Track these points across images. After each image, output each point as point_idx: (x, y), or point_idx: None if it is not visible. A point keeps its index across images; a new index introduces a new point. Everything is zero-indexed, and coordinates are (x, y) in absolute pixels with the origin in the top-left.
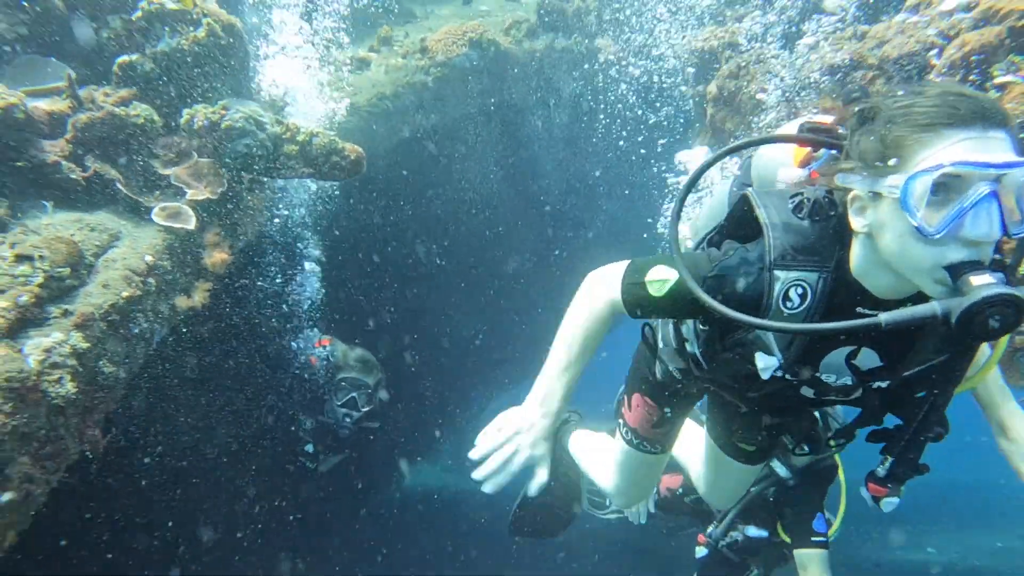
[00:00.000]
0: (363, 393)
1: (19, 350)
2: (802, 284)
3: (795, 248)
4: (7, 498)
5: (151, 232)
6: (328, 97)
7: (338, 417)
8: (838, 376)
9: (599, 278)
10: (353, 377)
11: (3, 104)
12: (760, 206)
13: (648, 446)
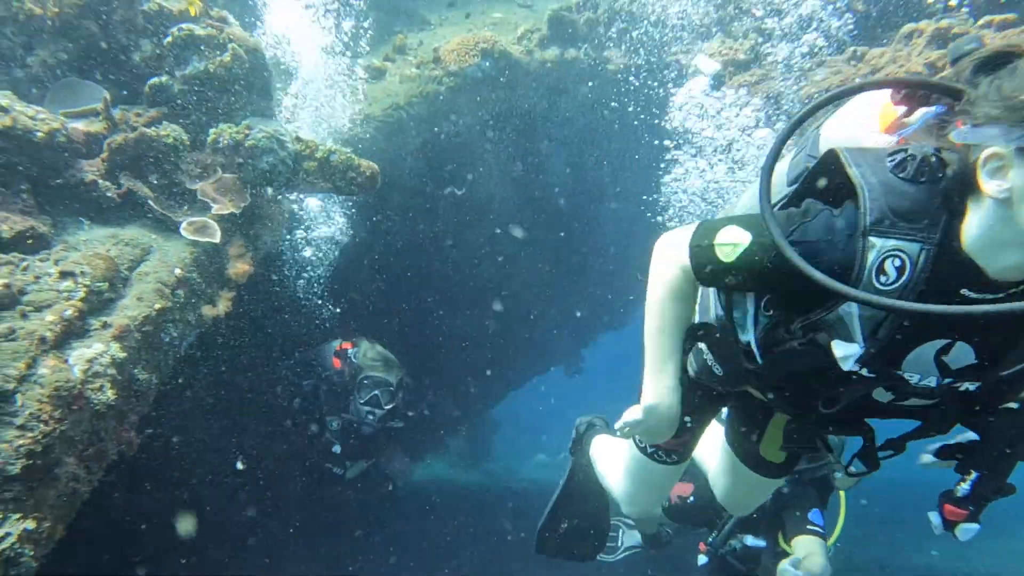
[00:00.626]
0: (385, 391)
1: (65, 360)
2: (900, 255)
3: (895, 212)
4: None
5: (180, 245)
6: (345, 107)
7: (361, 415)
8: (922, 375)
9: (667, 242)
10: (375, 376)
11: (47, 129)
12: (852, 163)
13: (664, 456)
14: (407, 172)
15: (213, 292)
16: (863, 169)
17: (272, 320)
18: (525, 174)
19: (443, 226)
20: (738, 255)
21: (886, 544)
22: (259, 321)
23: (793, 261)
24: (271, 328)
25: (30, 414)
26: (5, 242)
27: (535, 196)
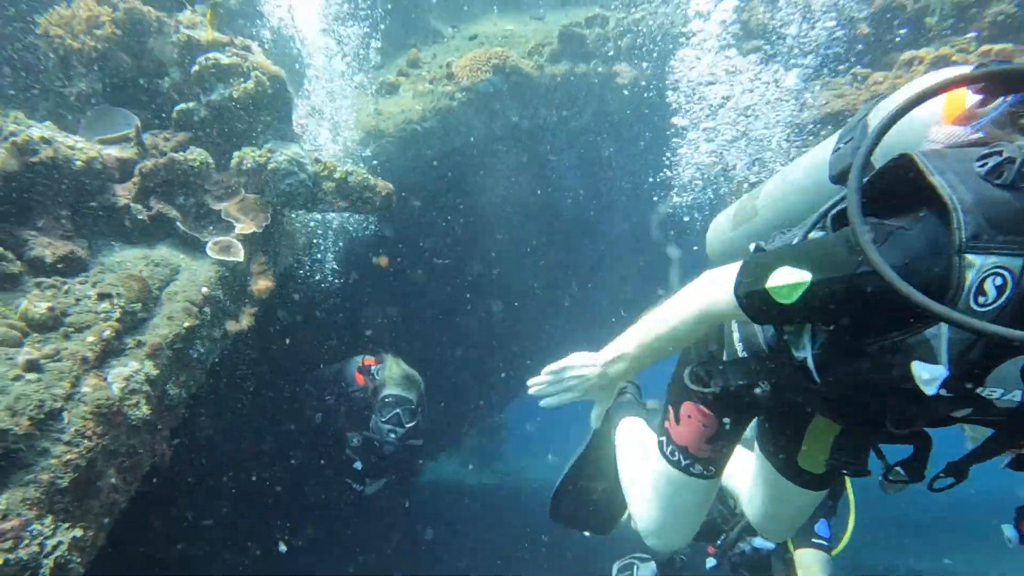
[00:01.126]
0: (406, 410)
1: (104, 379)
2: (1002, 272)
3: (993, 224)
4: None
5: (206, 265)
6: (361, 122)
7: (382, 433)
8: (1005, 391)
9: (714, 280)
10: (396, 394)
11: (85, 158)
12: (935, 171)
13: (699, 468)
14: (420, 185)
15: (237, 308)
16: (949, 178)
17: (293, 332)
18: (535, 184)
19: (455, 235)
20: (799, 296)
21: (895, 549)
22: (280, 333)
23: (901, 289)
24: (291, 340)
25: (75, 431)
26: (48, 266)
27: (544, 204)
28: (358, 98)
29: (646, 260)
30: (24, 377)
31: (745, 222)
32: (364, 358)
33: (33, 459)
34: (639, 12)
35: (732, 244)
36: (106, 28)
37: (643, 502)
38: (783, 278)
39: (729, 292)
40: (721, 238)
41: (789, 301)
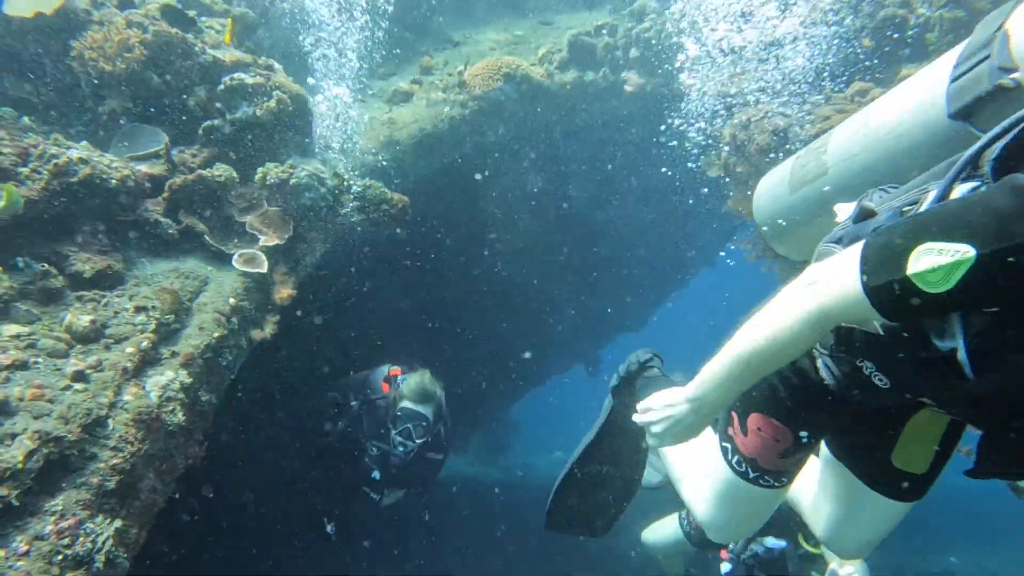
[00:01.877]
0: (418, 425)
1: (143, 387)
2: None
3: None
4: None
5: (232, 276)
6: (375, 132)
7: (394, 445)
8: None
9: (828, 276)
10: (410, 408)
11: (119, 176)
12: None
13: (769, 479)
14: (431, 189)
15: (261, 317)
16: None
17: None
18: (546, 184)
19: (464, 235)
20: (958, 279)
21: (903, 548)
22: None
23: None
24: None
25: (119, 437)
26: (87, 280)
27: (556, 204)
28: (372, 106)
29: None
30: (72, 387)
31: (807, 183)
32: (392, 367)
33: (83, 463)
34: (647, 22)
35: (793, 212)
36: (136, 51)
37: (704, 501)
38: (932, 259)
39: (853, 287)
40: (777, 205)
41: (944, 288)
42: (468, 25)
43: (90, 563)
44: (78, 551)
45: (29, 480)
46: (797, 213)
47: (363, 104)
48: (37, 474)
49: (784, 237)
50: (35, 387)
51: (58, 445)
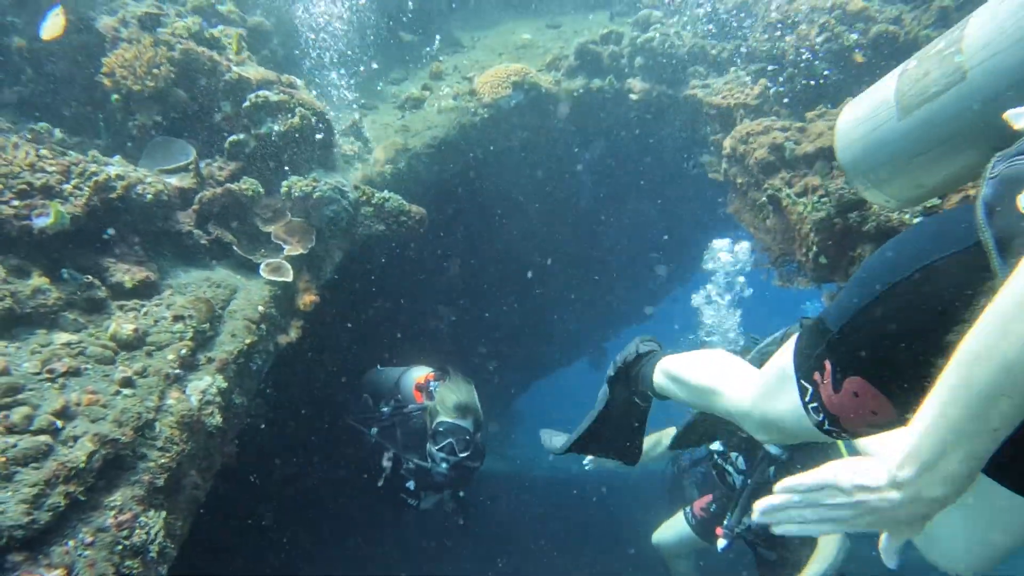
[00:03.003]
0: (461, 439)
1: (184, 391)
2: None
3: None
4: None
5: (259, 284)
6: (389, 139)
7: (436, 460)
8: None
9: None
10: (451, 423)
11: (153, 191)
12: None
13: (842, 434)
14: (443, 191)
15: (286, 323)
16: None
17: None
18: (554, 188)
19: (474, 234)
20: None
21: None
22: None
23: None
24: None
25: (166, 438)
26: (128, 290)
27: (560, 201)
28: (384, 112)
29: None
30: (122, 392)
31: (930, 98)
32: (423, 371)
33: (135, 463)
34: (652, 31)
35: (909, 142)
36: (164, 68)
37: (759, 399)
38: None
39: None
40: (878, 140)
41: None
42: (476, 27)
43: (145, 553)
44: (135, 542)
45: (91, 478)
46: (916, 143)
47: (376, 110)
48: (97, 473)
49: (892, 180)
50: (89, 392)
51: (114, 446)
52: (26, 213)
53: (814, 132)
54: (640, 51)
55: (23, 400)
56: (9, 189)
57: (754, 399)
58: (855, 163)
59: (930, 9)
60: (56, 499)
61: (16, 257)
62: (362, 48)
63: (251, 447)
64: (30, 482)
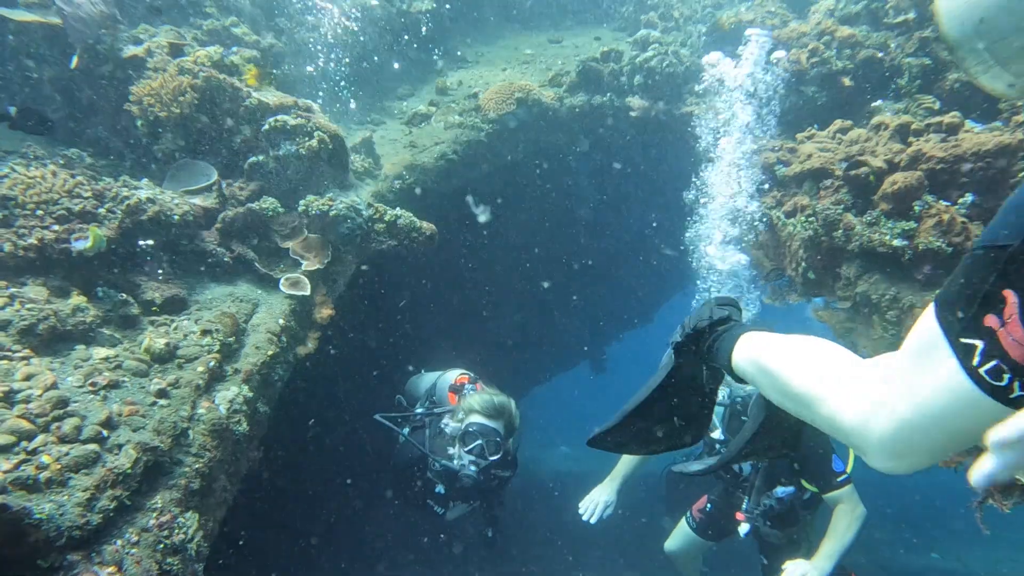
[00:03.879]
0: (491, 441)
1: (213, 401)
2: None
3: None
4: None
5: (279, 299)
6: (398, 154)
7: (464, 463)
8: None
9: None
10: (482, 424)
11: (180, 212)
12: None
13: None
14: (451, 202)
15: (304, 334)
16: None
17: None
18: (558, 196)
19: (483, 240)
20: None
21: (887, 547)
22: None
23: None
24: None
25: (199, 445)
26: (159, 306)
27: (562, 209)
28: (391, 127)
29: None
30: (158, 403)
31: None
32: (460, 373)
33: (172, 468)
34: (650, 51)
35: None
36: (188, 96)
37: (896, 414)
38: None
39: None
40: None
41: None
42: (480, 42)
43: (184, 551)
44: (175, 541)
45: (135, 483)
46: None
47: (383, 125)
48: (140, 478)
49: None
50: (129, 404)
51: (154, 453)
52: (65, 237)
53: (803, 153)
54: (639, 70)
55: (72, 412)
56: (49, 215)
57: (882, 400)
58: (975, 29)
59: (912, 38)
60: (106, 502)
61: (57, 278)
62: (370, 66)
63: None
64: (82, 487)
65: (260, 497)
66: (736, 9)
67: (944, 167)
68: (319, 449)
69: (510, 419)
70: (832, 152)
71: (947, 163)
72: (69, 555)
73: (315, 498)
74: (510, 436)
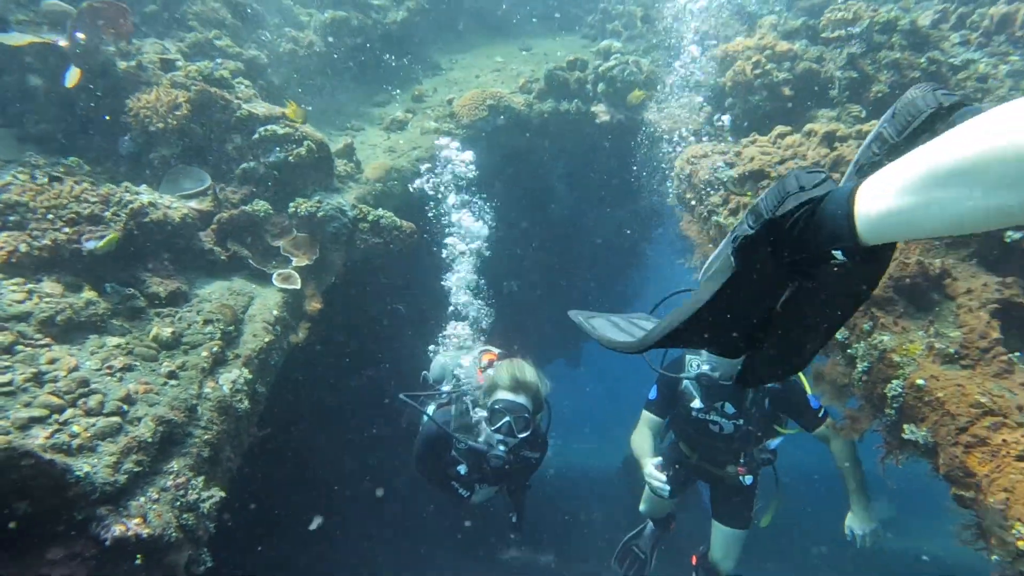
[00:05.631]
0: (519, 418)
1: (217, 382)
2: None
3: None
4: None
5: (273, 292)
6: (378, 159)
7: (493, 443)
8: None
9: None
10: (508, 400)
11: (180, 215)
12: None
13: None
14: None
15: (296, 324)
16: None
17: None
18: (530, 191)
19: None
20: None
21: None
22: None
23: None
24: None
25: (207, 419)
26: (163, 299)
27: (539, 208)
28: (370, 133)
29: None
30: (169, 383)
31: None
32: (487, 350)
33: (184, 438)
34: (612, 60)
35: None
36: (183, 109)
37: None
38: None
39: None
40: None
41: None
42: (455, 50)
43: (198, 508)
44: (190, 499)
45: (153, 450)
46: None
47: (363, 131)
48: (158, 445)
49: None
50: (143, 383)
51: (169, 425)
52: (76, 238)
53: (747, 156)
54: (603, 78)
55: (95, 389)
56: (60, 218)
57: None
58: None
59: (842, 53)
60: (130, 465)
61: (69, 275)
62: (348, 74)
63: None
64: (109, 452)
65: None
66: (693, 23)
67: None
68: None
69: (537, 392)
70: (770, 155)
71: None
72: (99, 509)
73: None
74: (538, 411)
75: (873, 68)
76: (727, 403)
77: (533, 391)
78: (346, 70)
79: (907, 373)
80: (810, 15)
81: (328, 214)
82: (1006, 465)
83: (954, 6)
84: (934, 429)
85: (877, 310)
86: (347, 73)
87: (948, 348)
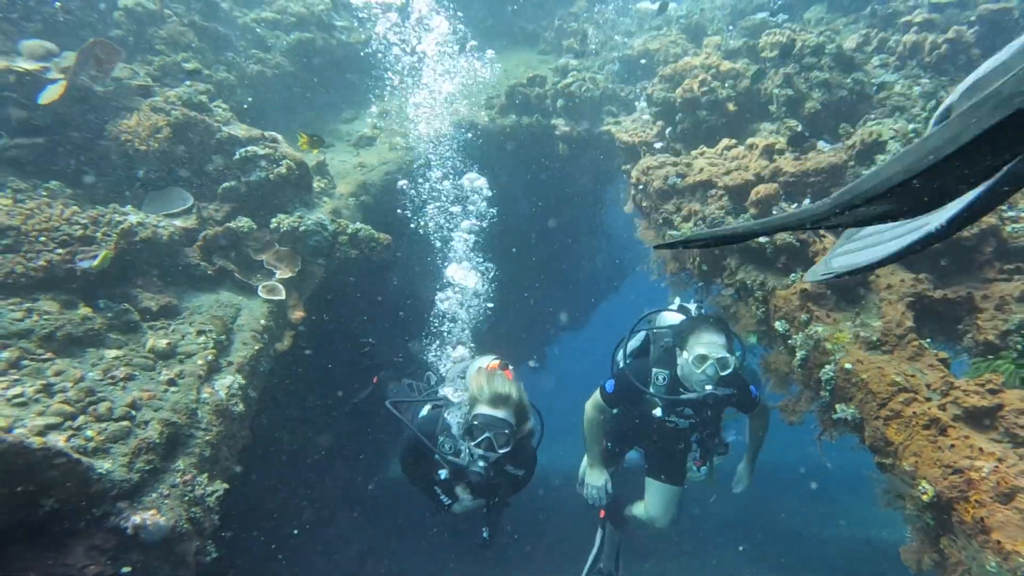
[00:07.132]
0: (499, 433)
1: (213, 388)
2: None
3: None
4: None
5: (259, 303)
6: (350, 175)
7: (474, 457)
8: None
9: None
10: (487, 414)
11: (168, 233)
12: None
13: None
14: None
15: (281, 333)
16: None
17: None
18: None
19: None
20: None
21: (800, 516)
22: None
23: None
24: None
25: (207, 422)
26: (155, 312)
27: (509, 216)
28: (340, 149)
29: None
30: (169, 389)
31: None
32: (489, 360)
33: (187, 440)
34: (569, 78)
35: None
36: (164, 132)
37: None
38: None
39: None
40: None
41: None
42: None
43: (204, 502)
44: (196, 494)
45: (161, 450)
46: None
47: (333, 148)
48: (165, 446)
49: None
50: (145, 391)
51: (173, 428)
52: (69, 258)
53: (696, 167)
54: (561, 94)
55: (102, 397)
56: (52, 240)
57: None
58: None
59: (779, 73)
60: (141, 464)
61: (64, 293)
62: (315, 92)
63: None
64: (122, 453)
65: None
66: (643, 38)
67: (795, 179)
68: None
69: (520, 406)
70: (717, 166)
71: (797, 176)
72: (118, 504)
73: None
74: (521, 425)
75: (806, 87)
76: (687, 408)
77: (515, 405)
78: (313, 87)
79: (837, 359)
80: (750, 36)
81: (310, 228)
82: (916, 434)
83: (875, 32)
84: (860, 406)
85: (812, 304)
86: (315, 91)
87: (872, 336)
